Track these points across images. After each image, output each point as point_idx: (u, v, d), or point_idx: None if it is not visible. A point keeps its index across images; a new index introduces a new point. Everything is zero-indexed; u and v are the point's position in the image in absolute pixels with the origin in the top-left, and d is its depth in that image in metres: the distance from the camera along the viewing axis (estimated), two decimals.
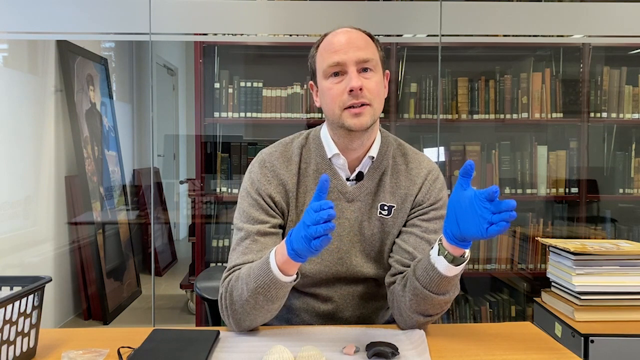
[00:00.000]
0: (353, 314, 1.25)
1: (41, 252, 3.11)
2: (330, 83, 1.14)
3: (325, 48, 1.16)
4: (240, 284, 1.08)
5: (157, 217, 4.40)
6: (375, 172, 1.22)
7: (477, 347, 1.08)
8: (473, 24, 2.50)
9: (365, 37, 1.17)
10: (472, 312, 2.96)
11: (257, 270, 1.05)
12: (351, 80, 1.10)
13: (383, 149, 1.23)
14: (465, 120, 2.85)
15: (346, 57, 1.12)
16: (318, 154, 1.22)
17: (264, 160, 1.23)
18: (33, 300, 1.01)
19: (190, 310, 3.55)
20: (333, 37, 1.16)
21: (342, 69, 1.13)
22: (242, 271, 1.10)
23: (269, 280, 1.03)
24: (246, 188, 1.22)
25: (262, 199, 1.19)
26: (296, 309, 1.26)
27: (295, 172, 1.21)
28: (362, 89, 1.11)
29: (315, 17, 2.46)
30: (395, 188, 1.23)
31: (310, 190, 1.21)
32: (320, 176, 1.09)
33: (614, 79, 2.87)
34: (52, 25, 2.41)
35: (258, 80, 2.80)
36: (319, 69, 1.17)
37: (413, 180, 1.23)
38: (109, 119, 3.88)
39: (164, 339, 1.06)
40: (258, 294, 1.05)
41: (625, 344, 1.49)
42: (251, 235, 1.16)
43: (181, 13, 2.43)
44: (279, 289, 1.05)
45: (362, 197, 1.21)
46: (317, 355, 0.97)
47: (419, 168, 1.24)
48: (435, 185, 1.24)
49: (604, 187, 2.92)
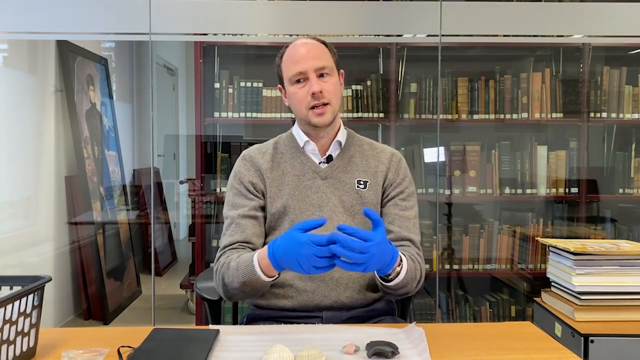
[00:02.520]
0: (342, 275, 1.34)
1: (41, 252, 3.11)
2: (296, 88, 1.37)
3: (288, 58, 1.38)
4: (231, 273, 1.26)
5: (157, 217, 4.40)
6: (344, 154, 1.44)
7: (477, 347, 1.08)
8: (473, 24, 2.51)
9: (321, 46, 1.38)
10: (472, 312, 2.96)
11: (244, 268, 1.23)
12: (312, 85, 1.33)
13: (349, 139, 1.46)
14: (465, 120, 2.85)
15: (306, 66, 1.34)
16: (292, 145, 1.45)
17: (244, 155, 1.46)
18: (33, 300, 1.01)
19: (190, 310, 3.55)
20: (294, 49, 1.38)
21: (304, 76, 1.35)
22: (232, 263, 1.27)
23: (254, 278, 1.21)
24: (230, 181, 1.44)
25: (244, 185, 1.40)
26: (289, 279, 1.35)
27: (269, 159, 1.43)
28: (322, 91, 1.34)
29: (315, 17, 2.47)
30: (366, 167, 1.43)
31: (287, 174, 1.41)
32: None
33: (614, 79, 2.87)
34: (52, 25, 2.41)
35: (258, 80, 2.80)
36: (285, 77, 1.39)
37: (380, 160, 1.44)
38: (109, 119, 3.88)
39: (164, 338, 1.07)
40: (246, 285, 1.24)
41: (625, 344, 1.49)
42: (234, 221, 1.38)
43: (181, 13, 2.43)
44: (263, 284, 1.23)
45: (334, 174, 1.41)
46: (317, 355, 0.97)
47: (384, 152, 1.47)
48: (401, 164, 1.46)
49: (604, 187, 2.92)
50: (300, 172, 1.40)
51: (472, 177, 2.85)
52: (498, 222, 2.94)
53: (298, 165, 1.41)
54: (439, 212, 2.71)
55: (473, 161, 2.86)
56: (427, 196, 2.82)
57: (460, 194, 2.86)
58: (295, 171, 1.40)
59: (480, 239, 2.88)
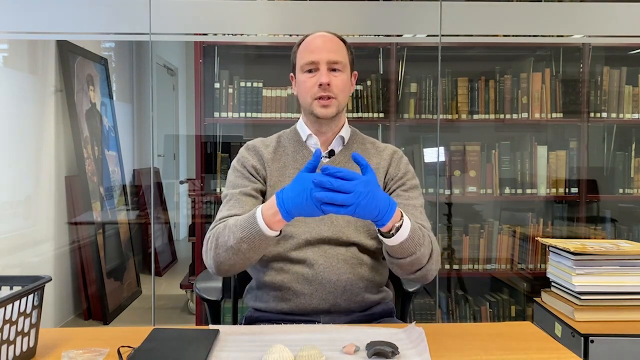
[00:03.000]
0: (339, 278, 1.32)
1: (41, 252, 3.11)
2: (305, 77, 1.37)
3: (304, 47, 1.39)
4: (227, 231, 1.21)
5: (157, 217, 4.40)
6: (346, 150, 1.44)
7: (477, 347, 1.08)
8: (473, 24, 2.51)
9: (338, 41, 1.40)
10: (472, 312, 2.96)
11: (244, 222, 1.18)
12: (322, 76, 1.34)
13: (353, 136, 1.47)
14: (465, 120, 2.86)
15: (319, 57, 1.35)
16: (295, 139, 1.46)
17: (248, 145, 1.48)
18: (33, 300, 1.01)
19: (190, 310, 3.55)
20: (311, 39, 1.40)
21: (315, 66, 1.36)
22: (229, 221, 1.24)
23: (255, 232, 1.15)
24: (233, 164, 1.43)
25: (246, 169, 1.40)
26: (286, 282, 1.33)
27: (272, 150, 1.44)
28: (330, 84, 1.34)
29: (315, 17, 2.46)
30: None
31: (289, 166, 1.41)
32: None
33: (614, 79, 2.87)
34: (52, 25, 2.41)
35: (258, 80, 2.80)
36: (297, 64, 1.40)
37: (382, 157, 1.44)
38: (109, 119, 3.88)
39: (164, 338, 1.06)
40: (242, 242, 1.17)
41: (625, 344, 1.49)
42: (234, 197, 1.35)
43: (181, 13, 2.43)
44: (262, 241, 1.16)
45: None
46: (317, 355, 0.97)
47: (385, 149, 1.47)
48: (402, 160, 1.45)
49: (604, 187, 2.92)
50: (301, 165, 1.39)
51: (472, 177, 2.85)
52: (498, 222, 2.94)
53: (300, 158, 1.41)
54: (439, 212, 2.71)
55: (473, 161, 2.86)
56: (427, 196, 2.81)
57: (460, 194, 2.86)
58: (297, 164, 1.40)
59: (480, 239, 2.88)
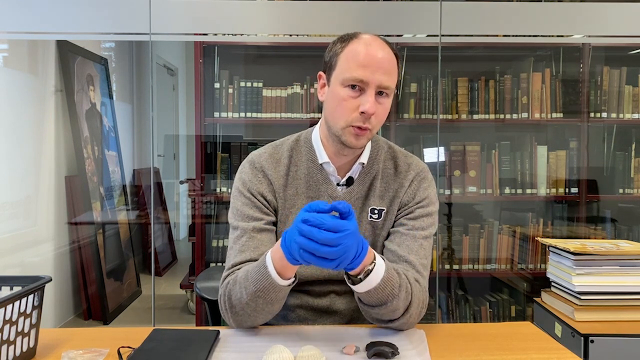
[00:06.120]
0: (348, 306, 1.26)
1: (41, 252, 3.11)
2: (346, 94, 1.13)
3: (353, 55, 1.13)
4: (238, 287, 1.09)
5: (157, 217, 4.40)
6: (365, 177, 1.25)
7: (477, 347, 1.08)
8: (473, 24, 2.50)
9: (393, 59, 1.15)
10: (472, 312, 2.96)
11: (255, 274, 1.05)
12: (367, 103, 1.11)
13: (373, 154, 1.27)
14: (465, 120, 2.85)
15: (371, 78, 1.11)
16: (309, 158, 1.25)
17: (254, 161, 1.25)
18: (33, 300, 1.01)
19: (190, 310, 3.55)
20: (365, 49, 1.12)
21: (363, 85, 1.12)
22: (239, 275, 1.11)
23: (267, 284, 1.04)
24: (238, 187, 1.24)
25: (255, 197, 1.21)
26: (292, 306, 1.27)
27: (283, 174, 1.24)
28: (374, 114, 1.12)
29: (315, 17, 2.46)
30: (385, 191, 1.25)
31: (301, 194, 1.23)
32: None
33: (614, 79, 2.87)
34: (52, 25, 2.41)
35: (258, 80, 2.80)
36: (338, 71, 1.15)
37: (401, 183, 1.26)
38: (109, 119, 3.88)
39: (164, 338, 1.06)
40: (258, 297, 1.06)
41: (625, 344, 1.49)
42: (247, 233, 1.18)
43: (181, 13, 2.43)
44: (278, 292, 1.06)
45: (352, 201, 1.23)
46: (317, 355, 0.97)
47: (407, 171, 1.27)
48: (421, 185, 1.26)
49: (604, 187, 2.92)
50: (315, 195, 1.22)
51: (472, 177, 2.85)
52: (498, 222, 2.94)
53: (313, 184, 1.23)
54: (438, 212, 2.70)
55: (473, 161, 2.86)
56: None
57: (460, 194, 2.85)
58: (310, 192, 1.23)
59: (480, 239, 2.88)
